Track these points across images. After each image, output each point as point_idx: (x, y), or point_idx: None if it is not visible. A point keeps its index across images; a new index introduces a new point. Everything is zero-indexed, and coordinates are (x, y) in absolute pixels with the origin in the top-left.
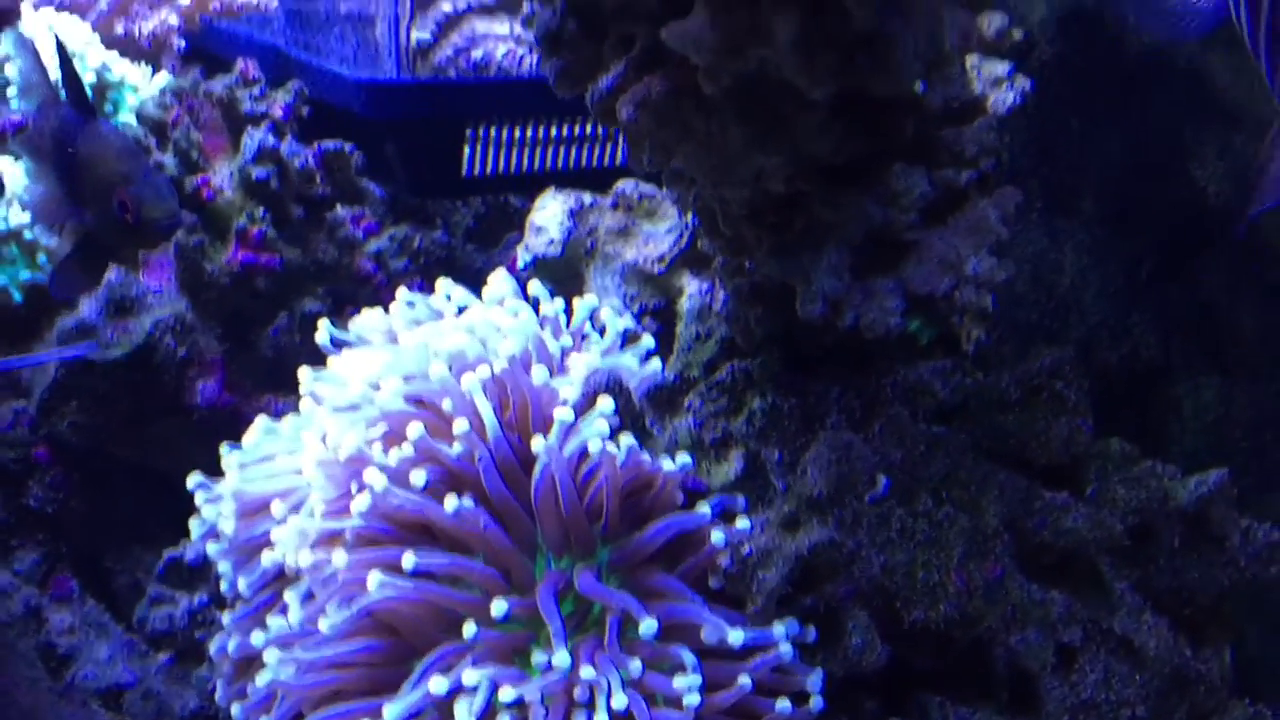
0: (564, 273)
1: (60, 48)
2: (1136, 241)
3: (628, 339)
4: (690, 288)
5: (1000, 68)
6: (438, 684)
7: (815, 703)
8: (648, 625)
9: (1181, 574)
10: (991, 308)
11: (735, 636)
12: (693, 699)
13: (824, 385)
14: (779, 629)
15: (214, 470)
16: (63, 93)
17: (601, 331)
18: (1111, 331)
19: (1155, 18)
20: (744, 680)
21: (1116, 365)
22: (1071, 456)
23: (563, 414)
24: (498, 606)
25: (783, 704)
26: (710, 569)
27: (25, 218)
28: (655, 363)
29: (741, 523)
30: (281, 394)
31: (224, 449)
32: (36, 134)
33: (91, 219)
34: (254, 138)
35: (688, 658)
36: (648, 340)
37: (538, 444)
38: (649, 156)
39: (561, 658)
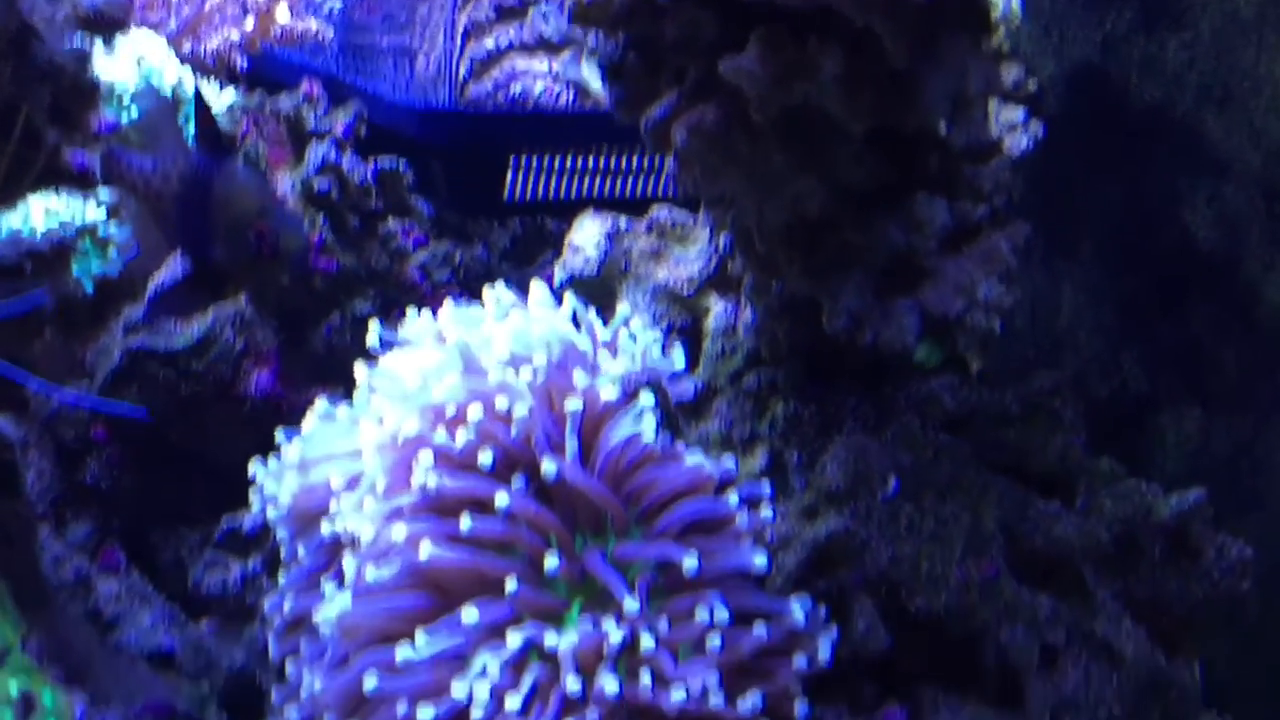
0: (598, 290)
1: (198, 96)
2: (1130, 283)
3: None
4: (716, 308)
5: (1016, 114)
6: (470, 614)
7: (824, 658)
8: (690, 563)
9: (1159, 586)
10: (999, 331)
11: (759, 561)
12: (715, 641)
13: (842, 395)
14: (795, 603)
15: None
16: (191, 135)
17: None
18: (1103, 367)
19: None
20: (760, 631)
21: (1107, 399)
22: (1065, 470)
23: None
24: (550, 562)
25: (799, 660)
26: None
27: (101, 214)
28: (682, 365)
29: (765, 511)
30: (330, 387)
31: (280, 434)
32: (160, 179)
33: (223, 252)
34: (317, 151)
35: (716, 602)
36: (677, 349)
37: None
38: (697, 177)
39: (630, 604)
